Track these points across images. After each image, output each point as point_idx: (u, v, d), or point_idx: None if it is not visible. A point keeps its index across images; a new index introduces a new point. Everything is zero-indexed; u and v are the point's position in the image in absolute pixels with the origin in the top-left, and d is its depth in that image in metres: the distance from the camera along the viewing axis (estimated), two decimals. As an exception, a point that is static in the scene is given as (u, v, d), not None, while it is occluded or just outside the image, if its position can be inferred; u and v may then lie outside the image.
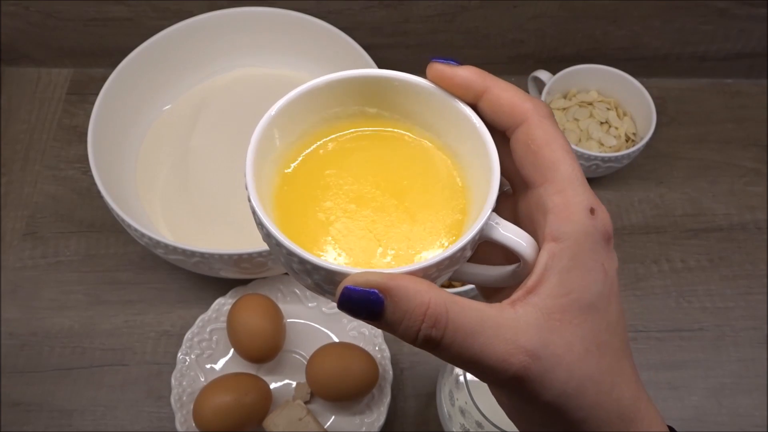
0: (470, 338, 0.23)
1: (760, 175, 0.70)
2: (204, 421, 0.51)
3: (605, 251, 0.25)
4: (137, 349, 0.60)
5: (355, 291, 0.23)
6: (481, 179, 0.27)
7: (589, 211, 0.25)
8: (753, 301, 0.63)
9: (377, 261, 0.26)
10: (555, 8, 0.68)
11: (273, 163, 0.28)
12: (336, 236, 0.26)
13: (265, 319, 0.54)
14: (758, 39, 0.72)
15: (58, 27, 0.70)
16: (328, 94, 0.28)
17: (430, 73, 0.27)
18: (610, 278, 0.25)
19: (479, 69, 0.27)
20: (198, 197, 0.62)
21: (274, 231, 0.24)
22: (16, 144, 0.71)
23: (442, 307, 0.23)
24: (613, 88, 0.69)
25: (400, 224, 0.27)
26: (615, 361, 0.25)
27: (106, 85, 0.60)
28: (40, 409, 0.57)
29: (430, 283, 0.23)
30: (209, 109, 0.66)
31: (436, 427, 0.53)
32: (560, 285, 0.24)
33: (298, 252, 0.24)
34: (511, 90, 0.26)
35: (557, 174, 0.25)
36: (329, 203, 0.27)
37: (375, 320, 0.23)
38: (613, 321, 0.25)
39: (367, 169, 0.29)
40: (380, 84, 0.28)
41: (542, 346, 0.23)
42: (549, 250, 0.24)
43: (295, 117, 0.28)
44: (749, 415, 0.58)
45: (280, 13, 0.65)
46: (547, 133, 0.25)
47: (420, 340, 0.23)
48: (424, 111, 0.29)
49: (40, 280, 0.63)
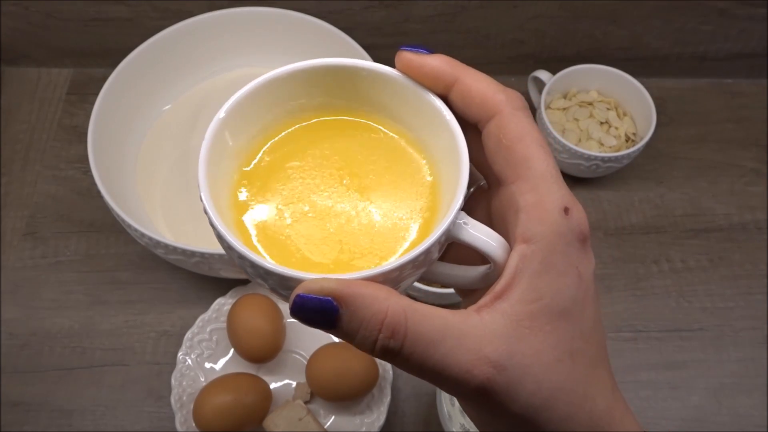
0: (431, 348, 0.21)
1: (760, 175, 0.70)
2: (204, 421, 0.51)
3: (580, 253, 0.23)
4: (137, 349, 0.60)
5: (309, 299, 0.21)
6: (451, 175, 0.25)
7: (563, 211, 0.23)
8: (753, 301, 0.63)
9: (338, 262, 0.25)
10: (555, 8, 0.68)
11: (231, 159, 0.26)
12: (295, 236, 0.25)
13: (265, 319, 0.54)
14: (758, 39, 0.72)
15: (58, 27, 0.70)
16: (292, 85, 0.27)
17: (398, 63, 0.26)
18: (585, 282, 0.23)
19: (449, 58, 0.25)
20: (198, 197, 0.61)
21: (225, 233, 0.23)
22: (16, 144, 0.71)
23: (401, 315, 0.21)
24: (613, 88, 0.69)
25: (364, 222, 0.26)
26: (589, 370, 0.23)
27: (106, 85, 0.60)
28: (40, 409, 0.57)
29: (389, 290, 0.22)
30: (209, 109, 0.66)
31: (436, 427, 0.53)
32: (530, 290, 0.22)
33: (248, 256, 0.22)
34: (482, 81, 0.25)
35: (530, 171, 0.24)
36: (290, 199, 0.26)
37: (330, 329, 0.22)
38: (587, 327, 0.23)
39: (331, 161, 0.27)
40: (347, 74, 0.27)
41: (508, 356, 0.22)
42: (519, 252, 0.23)
43: (256, 109, 0.26)
44: (749, 415, 0.58)
45: (280, 13, 0.65)
46: (519, 126, 0.24)
47: (378, 350, 0.22)
48: (393, 102, 0.27)
49: (40, 280, 0.63)
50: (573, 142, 0.66)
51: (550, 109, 0.69)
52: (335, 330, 0.22)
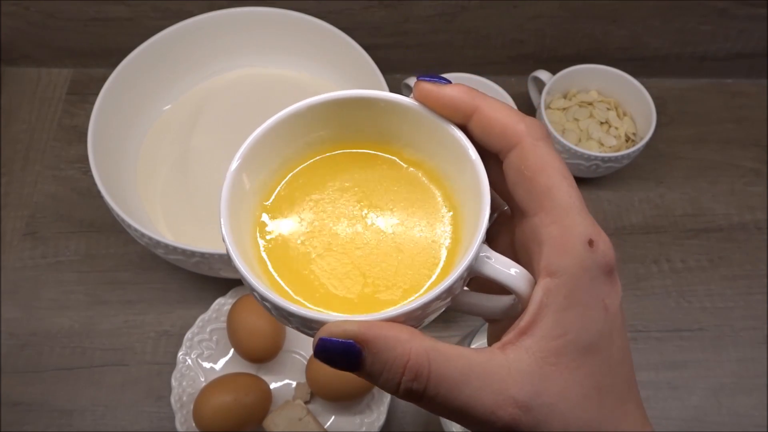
0: (455, 390, 0.21)
1: (760, 175, 0.70)
2: (204, 421, 0.51)
3: (606, 285, 0.23)
4: (137, 349, 0.60)
5: (331, 342, 0.21)
6: (472, 206, 0.25)
7: (588, 243, 0.23)
8: (753, 301, 0.63)
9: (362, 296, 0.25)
10: (555, 8, 0.68)
11: (253, 195, 0.27)
12: (318, 270, 0.25)
13: (265, 319, 0.54)
14: (758, 39, 0.72)
15: (58, 27, 0.70)
16: (310, 118, 0.27)
17: (416, 93, 0.26)
18: (612, 314, 0.23)
19: (468, 87, 0.25)
20: (198, 197, 0.62)
21: (247, 274, 0.23)
22: (16, 144, 0.71)
23: (424, 357, 0.21)
24: (613, 88, 0.69)
25: (386, 256, 0.25)
26: (617, 405, 0.23)
27: (106, 85, 0.60)
28: (40, 409, 0.57)
29: (412, 331, 0.22)
30: (209, 109, 0.66)
31: (436, 427, 0.53)
32: (556, 325, 0.22)
33: (271, 298, 0.23)
34: (502, 110, 0.24)
35: (553, 202, 0.23)
36: (312, 233, 0.26)
37: (354, 371, 0.22)
38: (615, 361, 0.23)
39: (351, 193, 0.27)
40: (366, 105, 0.27)
41: (534, 396, 0.21)
42: (544, 286, 0.22)
43: (274, 145, 0.27)
44: (749, 415, 0.58)
45: (280, 13, 0.65)
46: (541, 157, 0.24)
47: (402, 392, 0.22)
48: (411, 132, 0.27)
49: (40, 280, 0.63)
50: (573, 142, 0.66)
51: (550, 109, 0.69)
52: (359, 372, 0.22)
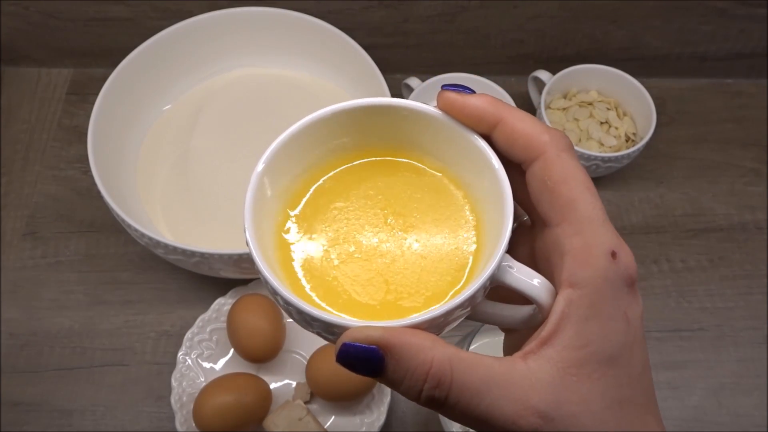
0: (477, 398, 0.21)
1: (760, 175, 0.70)
2: (204, 421, 0.51)
3: (628, 297, 0.23)
4: (137, 349, 0.60)
5: (354, 347, 0.21)
6: (494, 215, 0.25)
7: (610, 255, 0.23)
8: (753, 301, 0.63)
9: (384, 302, 0.25)
10: (555, 8, 0.68)
11: (275, 201, 0.27)
12: (341, 277, 0.25)
13: (265, 319, 0.54)
14: (758, 39, 0.72)
15: (58, 27, 0.70)
16: (333, 125, 0.27)
17: (440, 102, 0.26)
18: (633, 327, 0.23)
19: (492, 97, 0.25)
20: (198, 197, 0.62)
21: (271, 278, 0.23)
22: (16, 144, 0.71)
23: (446, 365, 0.21)
24: (613, 88, 0.69)
25: (409, 263, 0.26)
26: (638, 417, 0.23)
27: (106, 85, 0.60)
28: (40, 409, 0.57)
29: (435, 338, 0.22)
30: (209, 109, 0.66)
31: (436, 427, 0.53)
32: (577, 336, 0.22)
33: (294, 302, 0.23)
34: (526, 121, 0.25)
35: (575, 213, 0.23)
36: (335, 240, 0.26)
37: (376, 377, 0.22)
38: (636, 373, 0.23)
39: (375, 201, 0.27)
40: (389, 113, 0.27)
41: (556, 406, 0.21)
42: (566, 297, 0.23)
43: (298, 151, 0.27)
44: (749, 415, 0.58)
45: (280, 13, 0.65)
46: (564, 168, 0.24)
47: (423, 399, 0.22)
48: (434, 142, 0.27)
49: (40, 280, 0.63)
50: (573, 142, 0.66)
51: (550, 109, 0.69)
52: (381, 378, 0.22)
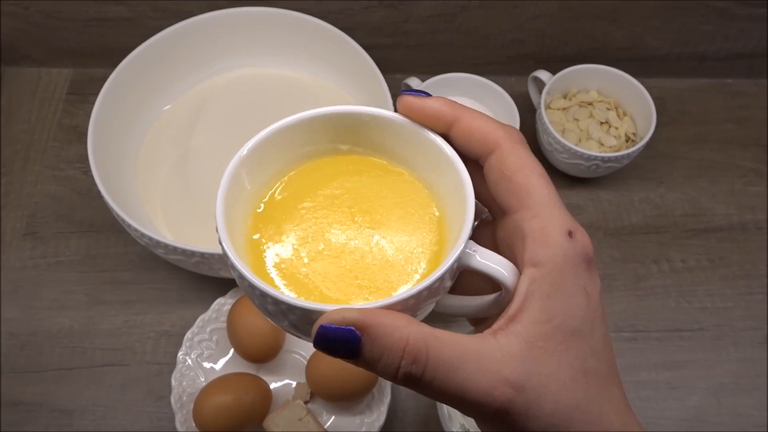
0: (452, 373, 0.22)
1: (760, 175, 0.70)
2: (204, 421, 0.51)
3: (587, 274, 0.24)
4: (137, 349, 0.60)
5: (331, 329, 0.22)
6: (457, 209, 0.26)
7: (567, 234, 0.24)
8: (753, 301, 0.63)
9: (355, 296, 0.26)
10: (555, 8, 0.68)
11: (245, 202, 0.27)
12: (312, 274, 0.26)
13: (265, 319, 0.54)
14: (758, 39, 0.72)
15: (58, 27, 0.70)
16: (299, 133, 0.28)
17: (400, 107, 0.27)
18: (593, 302, 0.24)
19: (448, 99, 0.27)
20: (198, 197, 0.62)
21: (246, 272, 0.24)
22: (16, 144, 0.71)
23: (422, 342, 0.22)
24: (613, 88, 0.69)
25: (378, 257, 0.27)
26: (603, 388, 0.24)
27: (106, 85, 0.60)
28: (40, 409, 0.57)
29: (409, 318, 0.23)
30: (209, 109, 0.66)
31: (436, 427, 0.53)
32: (542, 311, 0.23)
33: (271, 293, 0.23)
34: (481, 118, 0.26)
35: (532, 199, 0.25)
36: (305, 239, 0.27)
37: (353, 358, 0.22)
38: (598, 346, 0.24)
39: (342, 200, 0.28)
40: (350, 120, 0.28)
41: (526, 377, 0.22)
42: (529, 275, 0.24)
43: (266, 156, 0.27)
44: (749, 415, 0.58)
45: (280, 13, 0.65)
46: (519, 158, 0.25)
47: (400, 377, 0.22)
48: (396, 144, 0.28)
49: (40, 280, 0.63)
50: (573, 142, 0.66)
51: (550, 109, 0.69)
52: (357, 359, 0.22)
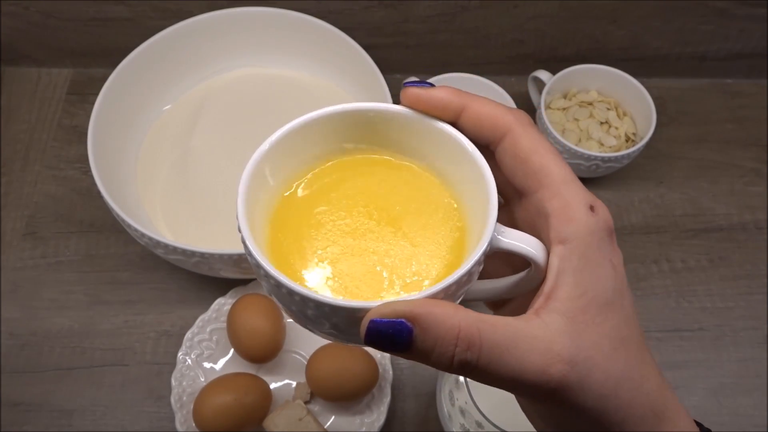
0: (506, 355, 0.22)
1: (760, 175, 0.70)
2: (204, 421, 0.51)
3: (610, 246, 0.25)
4: (137, 349, 0.60)
5: (382, 323, 0.22)
6: (473, 194, 0.26)
7: (589, 209, 0.25)
8: (753, 301, 0.63)
9: (385, 292, 0.25)
10: (555, 8, 0.68)
11: (262, 211, 0.27)
12: (339, 275, 0.26)
13: (265, 319, 0.54)
14: (758, 39, 0.72)
15: (58, 27, 0.70)
16: (303, 136, 0.27)
17: (404, 98, 0.27)
18: (619, 273, 0.25)
19: (454, 88, 0.27)
20: (198, 197, 0.62)
21: (284, 279, 0.23)
22: (16, 144, 0.71)
23: (474, 328, 0.22)
24: (613, 88, 0.69)
25: (401, 251, 0.26)
26: (638, 354, 0.25)
27: (106, 85, 0.60)
28: (40, 409, 0.57)
29: (457, 305, 0.23)
30: (209, 109, 0.66)
31: (436, 427, 0.53)
32: (576, 286, 0.24)
33: (313, 297, 0.23)
34: (489, 104, 0.26)
35: (550, 178, 0.25)
36: (326, 242, 0.27)
37: (404, 351, 0.22)
38: (629, 314, 0.25)
39: (356, 200, 0.28)
40: (355, 118, 0.28)
41: (576, 351, 0.23)
42: (558, 253, 0.24)
43: (277, 163, 0.27)
44: (749, 415, 0.58)
45: (280, 13, 0.65)
46: (532, 140, 0.26)
47: (456, 365, 0.22)
48: (403, 137, 0.28)
49: (40, 280, 0.63)
50: (573, 142, 0.66)
51: (550, 109, 0.69)
52: (410, 351, 0.22)
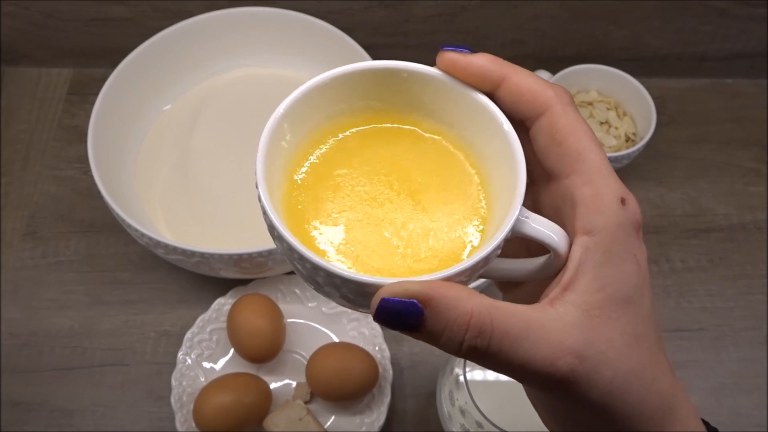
0: (516, 344, 0.22)
1: (760, 175, 0.70)
2: (204, 421, 0.51)
3: (637, 242, 0.24)
4: (137, 349, 0.60)
5: (393, 302, 0.21)
6: (501, 172, 0.25)
7: (620, 201, 0.24)
8: (753, 301, 0.63)
9: (397, 265, 0.25)
10: (555, 8, 0.68)
11: (281, 168, 0.26)
12: (352, 242, 0.25)
13: (265, 319, 0.54)
14: (758, 39, 0.72)
15: (58, 27, 0.70)
16: (332, 91, 0.26)
17: (441, 63, 0.26)
18: (643, 270, 0.24)
19: (494, 56, 0.26)
20: (198, 197, 0.62)
21: (297, 245, 0.23)
22: (16, 144, 0.71)
23: (486, 314, 0.22)
24: (613, 88, 0.69)
25: (418, 225, 0.26)
26: (653, 353, 0.24)
27: (106, 85, 0.60)
28: (40, 409, 0.57)
29: (471, 290, 0.22)
30: (209, 109, 0.66)
31: (436, 427, 0.53)
32: (596, 280, 0.23)
33: (324, 265, 0.22)
34: (530, 77, 0.25)
35: (584, 164, 0.24)
36: (342, 207, 0.26)
37: (414, 332, 0.22)
38: (648, 312, 0.24)
39: (378, 167, 0.27)
40: (387, 76, 0.26)
41: (587, 345, 0.22)
42: (582, 243, 0.23)
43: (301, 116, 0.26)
44: (749, 415, 0.58)
45: (280, 13, 0.65)
46: (571, 121, 0.24)
47: (464, 350, 0.22)
48: (434, 103, 0.27)
49: (40, 280, 0.63)
50: (573, 142, 0.66)
51: (550, 109, 0.69)
52: (418, 333, 0.22)
